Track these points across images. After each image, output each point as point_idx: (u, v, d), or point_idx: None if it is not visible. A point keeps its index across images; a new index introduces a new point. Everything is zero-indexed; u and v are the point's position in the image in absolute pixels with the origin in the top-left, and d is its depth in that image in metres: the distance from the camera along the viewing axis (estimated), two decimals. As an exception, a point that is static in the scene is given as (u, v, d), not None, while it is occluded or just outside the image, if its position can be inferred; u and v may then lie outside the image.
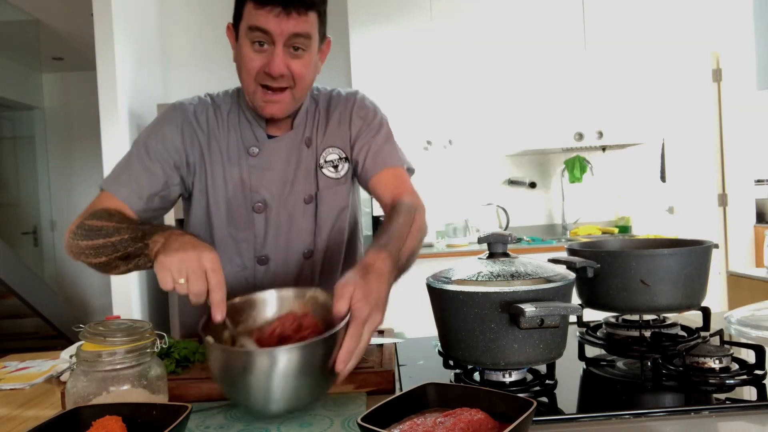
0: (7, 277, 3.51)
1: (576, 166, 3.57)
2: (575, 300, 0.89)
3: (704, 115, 3.80)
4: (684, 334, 1.01)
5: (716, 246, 0.98)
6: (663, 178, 3.66)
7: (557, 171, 3.81)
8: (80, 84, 5.67)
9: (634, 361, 0.96)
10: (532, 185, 3.82)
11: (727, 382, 0.83)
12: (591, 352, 1.02)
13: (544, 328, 0.75)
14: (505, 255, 0.87)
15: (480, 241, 0.89)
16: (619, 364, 0.96)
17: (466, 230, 3.57)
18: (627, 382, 0.89)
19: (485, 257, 0.87)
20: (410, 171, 1.29)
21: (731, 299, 2.64)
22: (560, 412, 0.77)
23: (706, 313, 1.01)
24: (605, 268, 0.94)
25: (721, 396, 0.81)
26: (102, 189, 1.16)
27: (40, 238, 5.82)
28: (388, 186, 1.21)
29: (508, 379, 0.84)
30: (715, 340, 0.93)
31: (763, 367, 0.84)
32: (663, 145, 3.65)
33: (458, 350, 0.83)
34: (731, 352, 0.87)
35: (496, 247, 0.87)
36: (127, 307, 3.09)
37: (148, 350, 0.77)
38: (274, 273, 1.23)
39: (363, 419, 0.61)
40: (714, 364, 0.85)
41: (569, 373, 0.93)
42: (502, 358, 0.79)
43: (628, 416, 0.75)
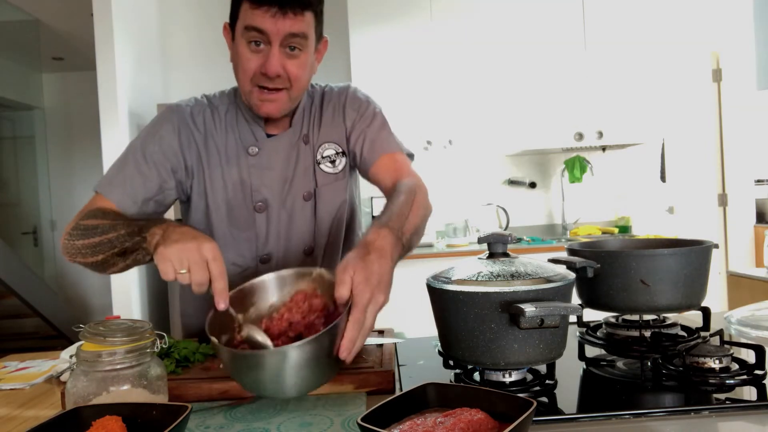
0: (7, 277, 3.50)
1: (576, 166, 3.57)
2: (575, 300, 0.89)
3: (704, 115, 3.80)
4: (684, 334, 1.01)
5: (716, 246, 0.98)
6: (663, 178, 3.66)
7: (557, 171, 3.81)
8: (80, 84, 5.67)
9: (634, 361, 0.96)
10: (532, 185, 3.82)
11: (727, 382, 0.83)
12: (591, 352, 1.02)
13: (544, 328, 0.75)
14: (505, 255, 0.87)
15: (480, 241, 0.89)
16: (619, 364, 0.96)
17: (466, 230, 3.58)
18: (627, 382, 0.89)
19: (485, 257, 0.87)
20: (410, 156, 1.27)
21: (731, 299, 2.64)
22: (560, 412, 0.77)
23: (706, 313, 1.01)
24: (605, 268, 0.94)
25: (721, 396, 0.81)
26: (96, 191, 1.16)
27: (40, 238, 5.82)
28: (388, 171, 1.20)
29: (508, 379, 0.84)
30: (715, 340, 0.93)
31: (763, 367, 0.84)
32: (663, 145, 3.65)
33: (458, 350, 0.83)
34: (731, 352, 0.87)
35: (496, 247, 0.87)
36: (127, 307, 3.10)
37: (148, 350, 0.77)
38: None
39: (363, 419, 0.61)
40: (714, 364, 0.85)
41: (569, 373, 0.93)
42: (502, 358, 0.79)
43: (628, 416, 0.75)
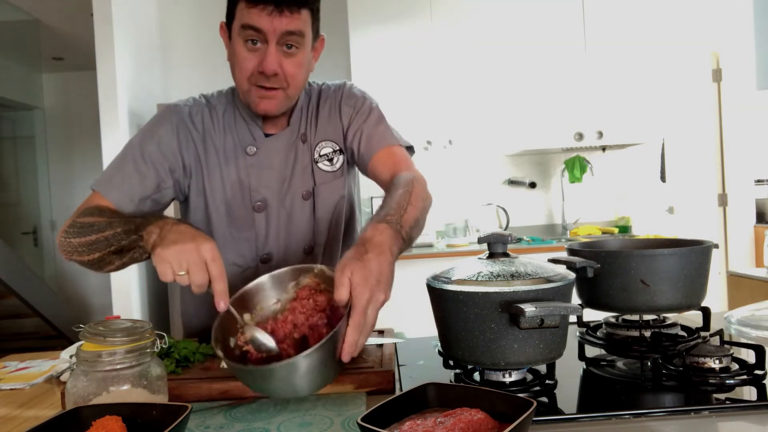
0: (7, 277, 3.50)
1: (576, 166, 3.57)
2: (575, 300, 0.89)
3: (704, 115, 3.80)
4: (684, 334, 1.01)
5: (716, 246, 0.98)
6: (663, 178, 3.66)
7: (557, 171, 3.81)
8: (80, 84, 5.67)
9: (634, 361, 0.96)
10: (532, 185, 3.82)
11: (727, 382, 0.83)
12: (591, 352, 1.02)
13: (544, 328, 0.75)
14: (505, 255, 0.87)
15: (480, 241, 0.89)
16: (619, 364, 0.96)
17: (466, 230, 3.58)
18: (627, 382, 0.89)
19: (485, 257, 0.87)
20: (409, 149, 1.26)
21: (731, 299, 2.64)
22: (560, 412, 0.77)
23: (706, 313, 1.01)
24: (605, 268, 0.94)
25: (721, 396, 0.81)
26: (93, 190, 1.15)
27: (40, 238, 5.82)
28: (386, 165, 1.18)
29: (508, 379, 0.84)
30: (715, 340, 0.93)
31: (763, 367, 0.84)
32: (663, 145, 3.65)
33: (458, 350, 0.83)
34: (731, 352, 0.87)
35: (496, 247, 0.87)
36: (127, 307, 3.10)
37: (148, 350, 0.77)
38: None
39: (363, 419, 0.61)
40: (714, 364, 0.85)
41: (569, 373, 0.93)
42: (502, 358, 0.79)
43: (628, 416, 0.75)
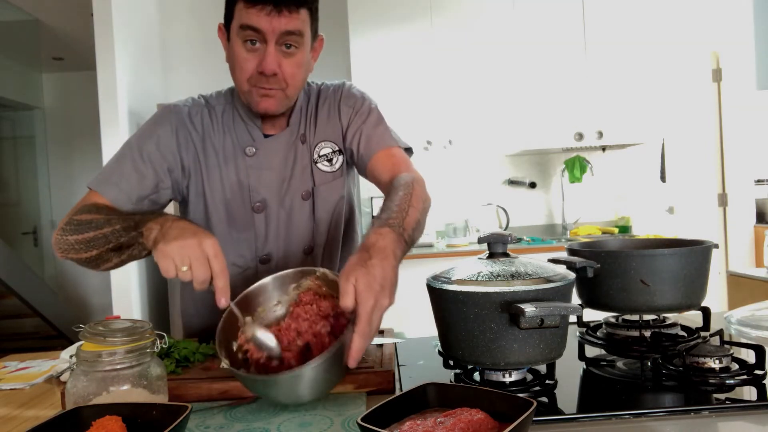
0: (7, 277, 3.51)
1: (576, 166, 3.57)
2: (575, 300, 0.89)
3: (704, 115, 3.80)
4: (684, 334, 1.01)
5: (716, 246, 0.98)
6: (663, 178, 3.66)
7: (557, 171, 3.81)
8: (80, 84, 5.67)
9: (634, 361, 0.96)
10: (532, 185, 3.82)
11: (727, 382, 0.83)
12: (591, 352, 1.02)
13: (544, 328, 0.75)
14: (505, 255, 0.87)
15: (480, 241, 0.89)
16: (619, 364, 0.96)
17: (466, 230, 3.57)
18: (627, 382, 0.89)
19: (485, 257, 0.87)
20: (408, 151, 1.26)
21: (731, 299, 2.64)
22: (560, 412, 0.77)
23: (706, 313, 1.01)
24: (605, 268, 0.94)
25: (721, 396, 0.81)
26: (90, 189, 1.14)
27: (40, 238, 5.81)
28: (385, 167, 1.18)
29: (508, 379, 0.84)
30: (715, 340, 0.93)
31: (763, 367, 0.84)
32: (663, 145, 3.65)
33: (458, 350, 0.83)
34: (731, 352, 0.87)
35: (496, 247, 0.87)
36: (127, 307, 3.10)
37: (148, 350, 0.77)
38: (276, 271, 1.23)
39: (363, 419, 0.61)
40: (714, 364, 0.85)
41: (569, 373, 0.93)
42: (502, 358, 0.79)
43: (628, 416, 0.75)
